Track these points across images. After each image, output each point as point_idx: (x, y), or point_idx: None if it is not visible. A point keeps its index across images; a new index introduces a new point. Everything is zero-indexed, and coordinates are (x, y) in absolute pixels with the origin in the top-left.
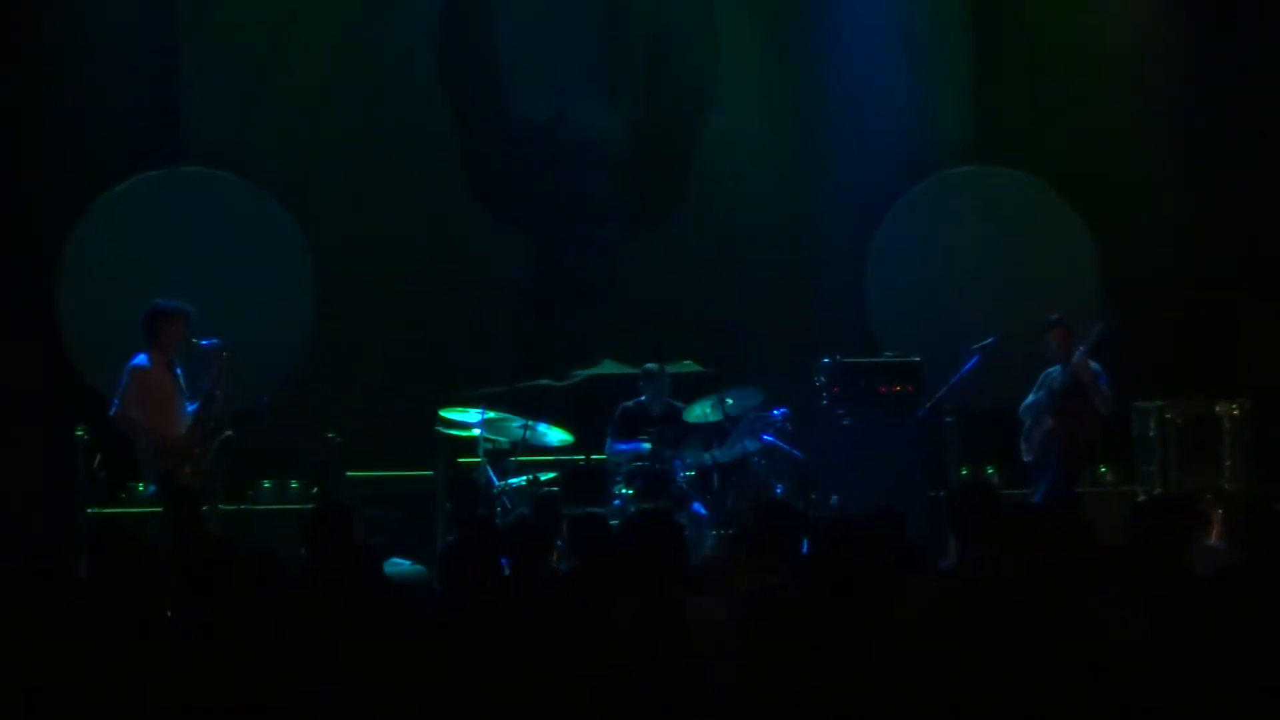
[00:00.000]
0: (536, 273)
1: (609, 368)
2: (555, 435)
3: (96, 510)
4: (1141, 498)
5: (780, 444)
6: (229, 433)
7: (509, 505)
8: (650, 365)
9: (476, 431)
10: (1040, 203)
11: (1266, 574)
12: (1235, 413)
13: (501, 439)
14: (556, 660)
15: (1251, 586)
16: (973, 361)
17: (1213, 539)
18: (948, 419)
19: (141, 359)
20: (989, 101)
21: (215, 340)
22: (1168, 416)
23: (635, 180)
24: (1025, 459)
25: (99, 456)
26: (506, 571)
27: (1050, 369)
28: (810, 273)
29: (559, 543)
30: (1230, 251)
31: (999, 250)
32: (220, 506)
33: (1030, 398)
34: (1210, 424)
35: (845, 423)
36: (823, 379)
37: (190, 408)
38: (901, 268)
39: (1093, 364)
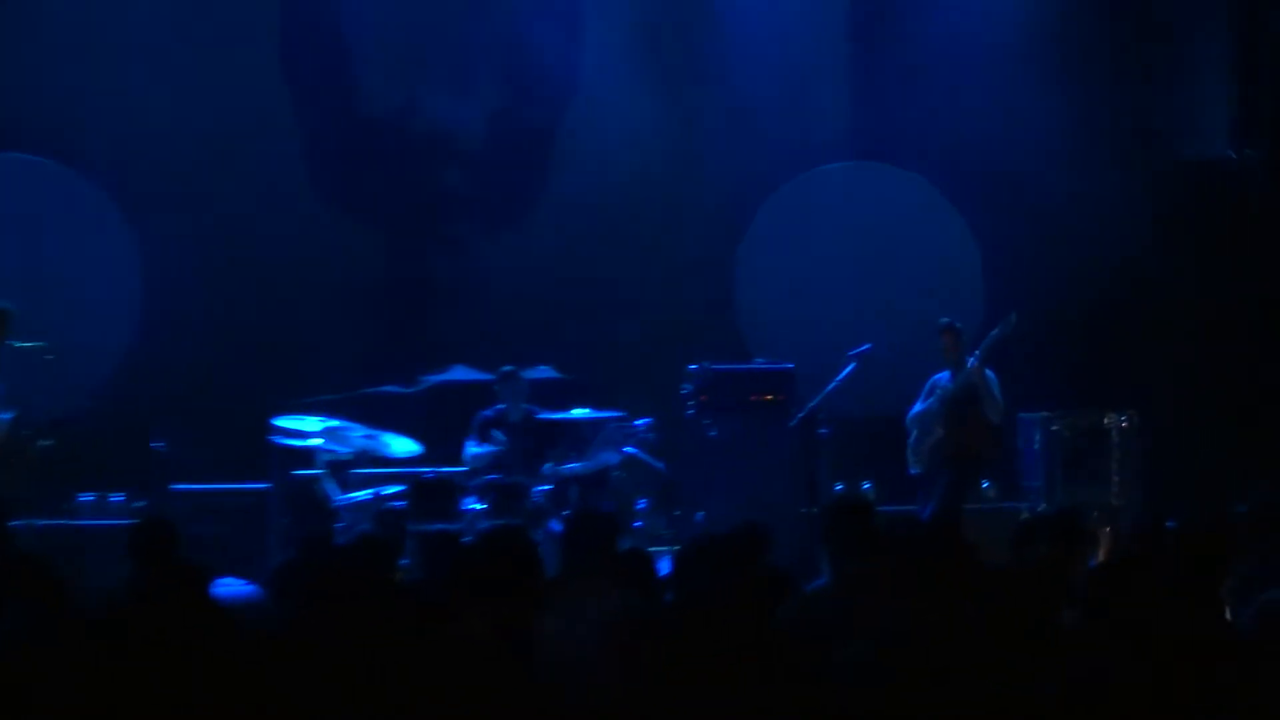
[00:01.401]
0: (384, 272)
1: (461, 373)
2: (402, 445)
3: None
4: (1025, 515)
5: (642, 456)
6: (47, 441)
7: (350, 521)
8: (506, 369)
9: (315, 441)
10: (921, 201)
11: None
12: (1125, 425)
13: (343, 449)
14: (398, 686)
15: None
16: (849, 369)
17: (1100, 559)
18: (822, 430)
19: None
20: (869, 95)
21: (39, 343)
22: (1054, 429)
23: (491, 175)
24: (912, 471)
25: None
26: (347, 592)
27: (939, 375)
28: (677, 274)
29: (404, 562)
30: (1120, 257)
31: (878, 251)
32: (35, 521)
33: (918, 406)
34: (1099, 437)
35: (712, 434)
36: (689, 386)
37: (6, 416)
38: (774, 269)
39: (987, 371)
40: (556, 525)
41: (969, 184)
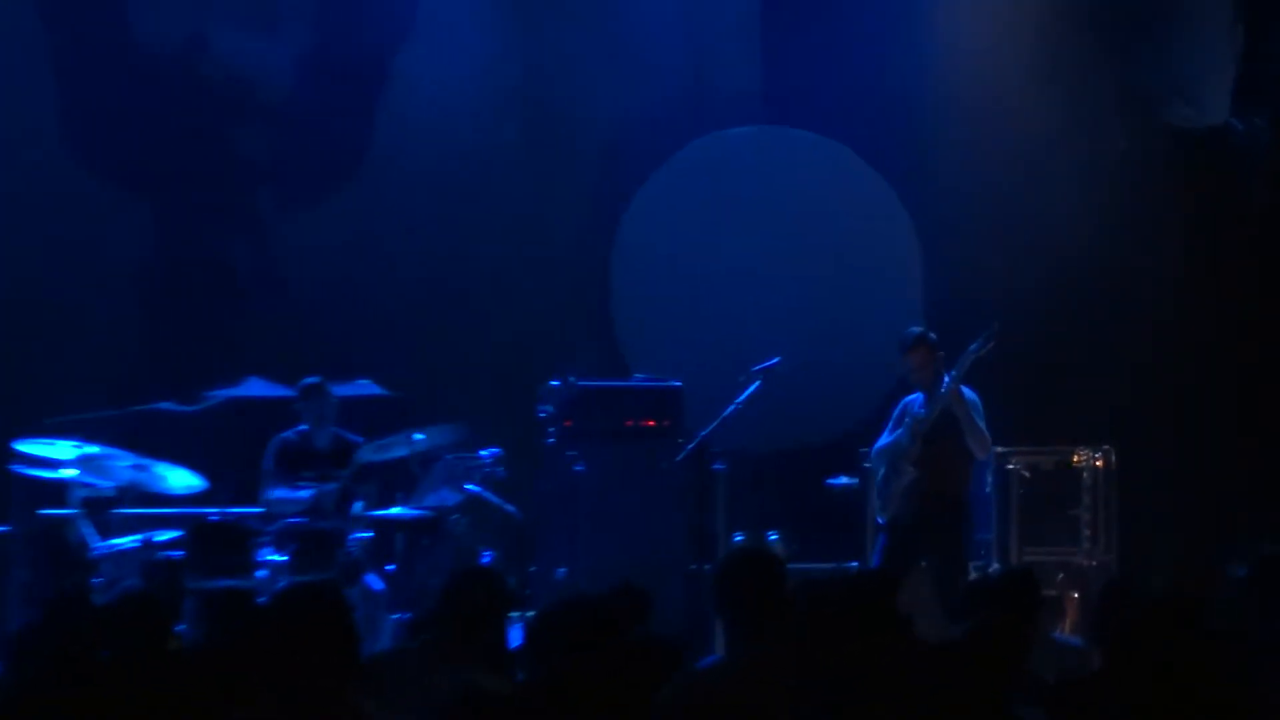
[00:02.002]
0: (158, 256)
1: (256, 387)
2: (179, 479)
3: None
4: (972, 577)
5: (489, 496)
6: None
7: (112, 574)
8: (309, 381)
9: (68, 472)
10: (847, 176)
11: (1134, 681)
12: (1099, 464)
13: (103, 483)
14: None
15: (1113, 697)
16: (752, 388)
17: (1064, 631)
18: (717, 465)
19: None
20: (783, 43)
21: None
22: (1009, 468)
23: (299, 134)
24: (879, 519)
25: None
26: (106, 663)
27: (911, 398)
28: (537, 265)
29: (181, 626)
30: (1094, 251)
31: (792, 237)
32: None
33: (885, 437)
34: (1066, 479)
35: (578, 468)
36: (549, 408)
37: None
38: (660, 260)
39: (967, 392)
40: (376, 582)
41: (905, 156)
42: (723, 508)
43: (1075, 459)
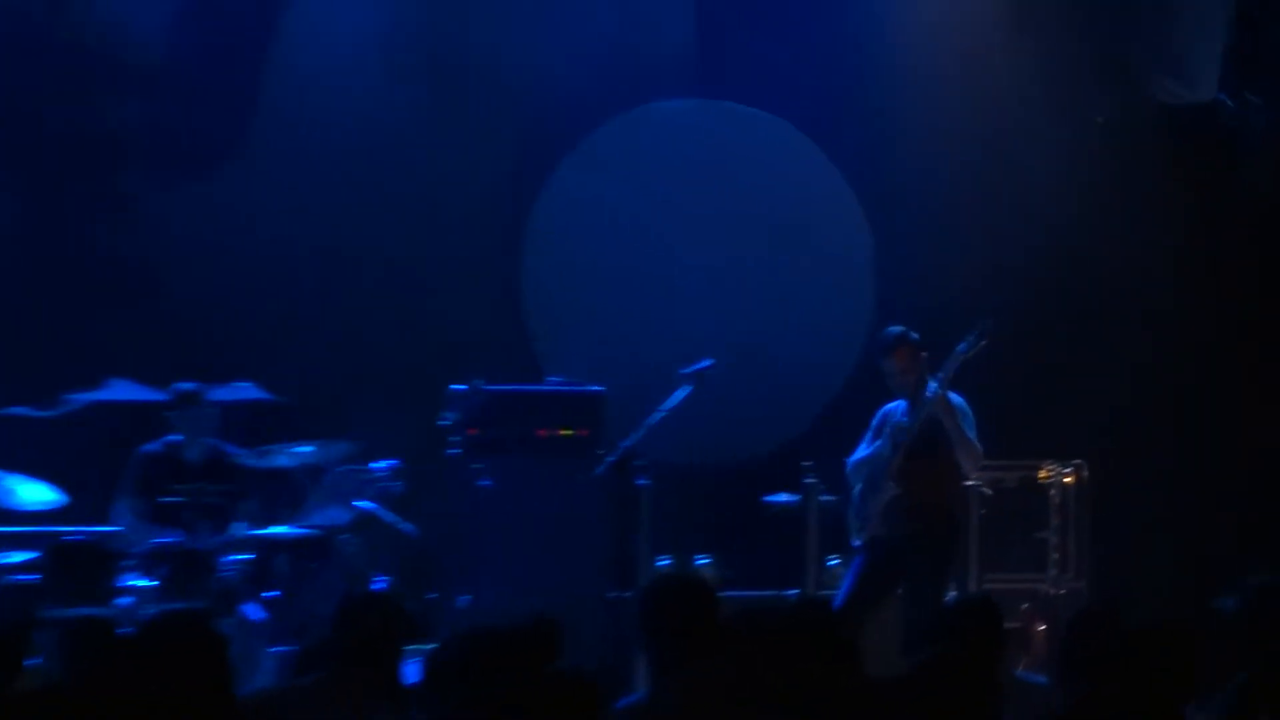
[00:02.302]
0: (8, 239)
1: (121, 391)
2: (32, 493)
3: None
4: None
5: (383, 513)
6: None
7: None
8: (184, 386)
9: None
10: (789, 156)
11: None
12: (1069, 480)
13: None
14: None
15: None
16: (682, 393)
17: (1028, 668)
18: (642, 479)
19: None
20: (721, 9)
21: None
22: (969, 485)
23: (172, 104)
24: (854, 542)
25: None
26: None
27: (892, 405)
28: (440, 256)
29: (34, 661)
30: (1068, 241)
31: (727, 225)
32: None
33: (863, 449)
34: (1032, 496)
35: (485, 483)
36: (453, 415)
37: None
38: (578, 250)
39: (954, 398)
40: (255, 611)
41: (856, 134)
42: (647, 528)
43: (1042, 474)
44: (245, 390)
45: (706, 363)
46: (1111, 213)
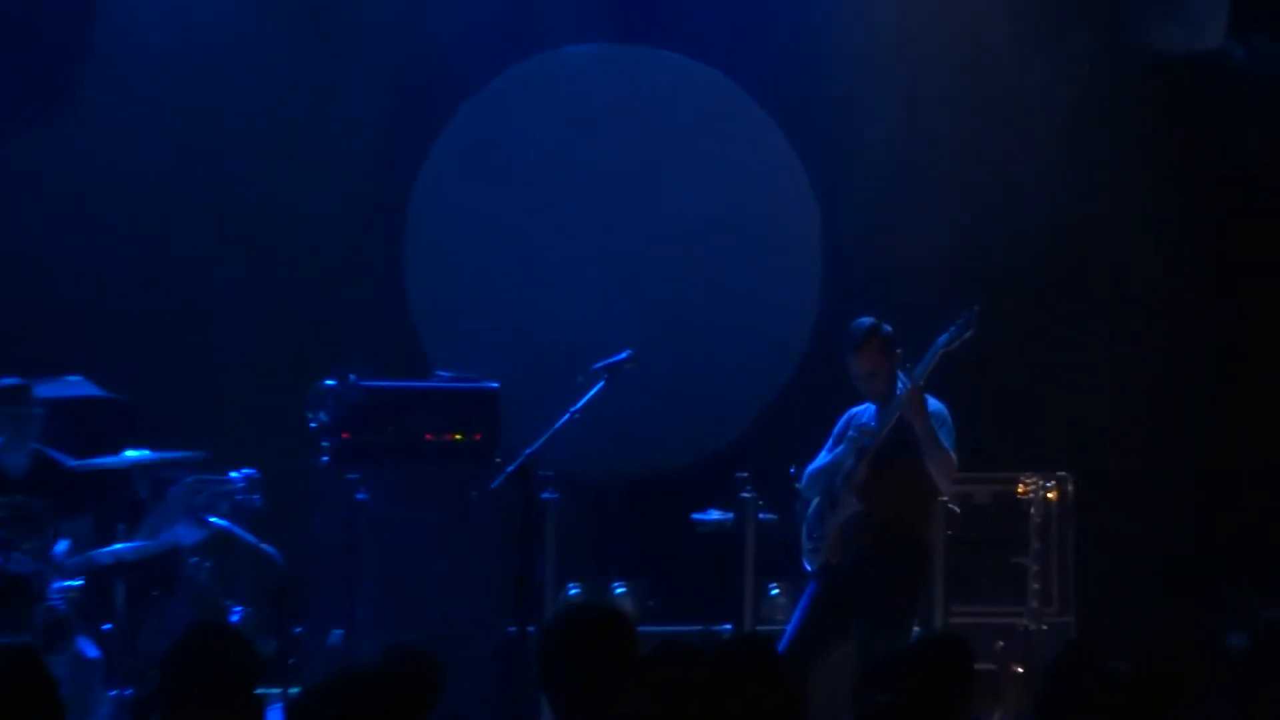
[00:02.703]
0: None
1: None
2: None
3: None
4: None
5: (239, 532)
6: None
7: None
8: (7, 382)
9: None
10: (722, 112)
11: None
12: (1052, 495)
13: None
14: None
15: None
16: (594, 390)
17: (1002, 718)
18: (547, 493)
19: None
20: None
21: None
22: (944, 501)
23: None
24: (807, 566)
25: None
26: None
27: (857, 409)
28: (309, 231)
29: None
30: (1049, 214)
31: (648, 194)
32: None
33: (822, 458)
34: (1008, 515)
35: (360, 496)
36: (323, 417)
37: None
38: (470, 224)
39: (931, 402)
40: (89, 647)
41: (800, 87)
42: (553, 550)
43: (1021, 489)
44: (76, 386)
45: (623, 354)
46: (1102, 184)
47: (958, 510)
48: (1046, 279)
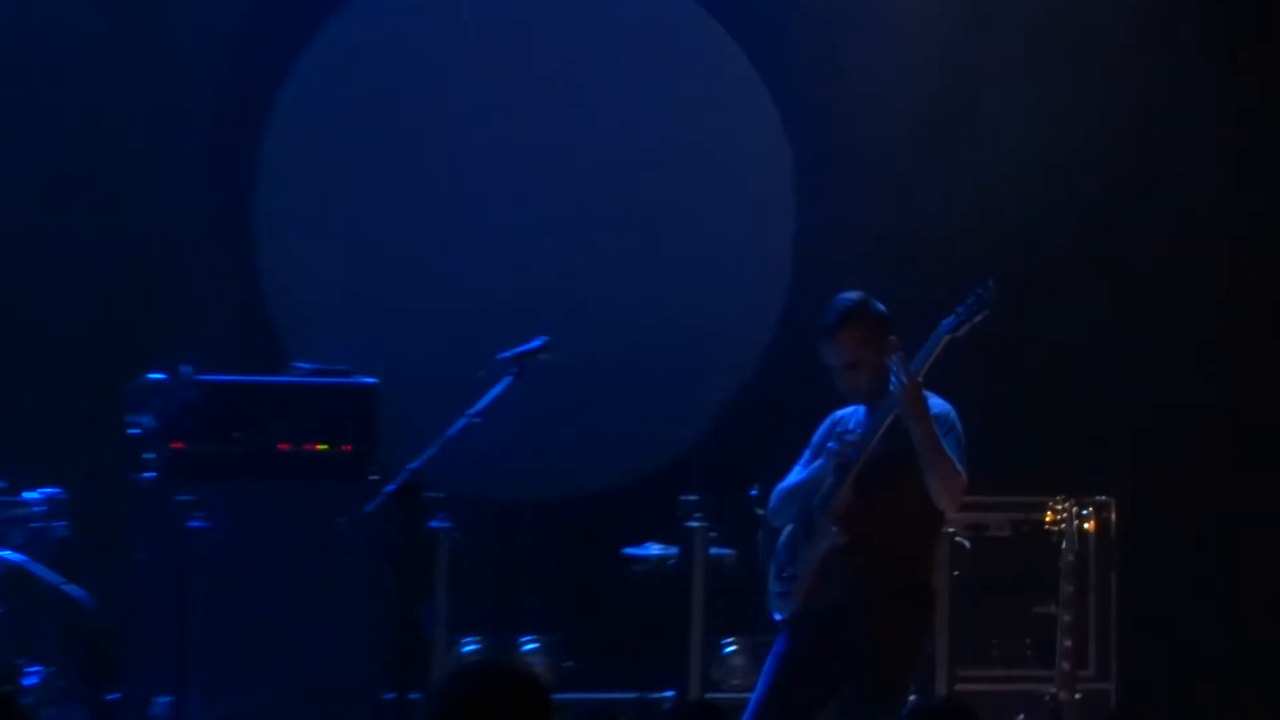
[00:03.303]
0: None
1: None
2: None
3: None
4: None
5: (37, 569)
6: None
7: None
8: None
9: None
10: (672, 38)
11: None
12: (1090, 526)
13: None
14: None
15: None
16: (499, 388)
17: None
18: (438, 520)
19: None
20: None
21: None
22: (949, 533)
23: None
24: (775, 615)
25: None
26: None
27: (843, 413)
28: (136, 195)
29: None
30: (1077, 185)
31: (570, 142)
32: None
33: (796, 474)
34: (1033, 551)
35: (195, 523)
36: (146, 422)
37: None
38: (337, 184)
39: (934, 402)
40: None
41: (772, 10)
42: (445, 593)
43: (1049, 517)
44: None
45: (537, 342)
46: (1143, 128)
47: (967, 545)
48: (1081, 248)
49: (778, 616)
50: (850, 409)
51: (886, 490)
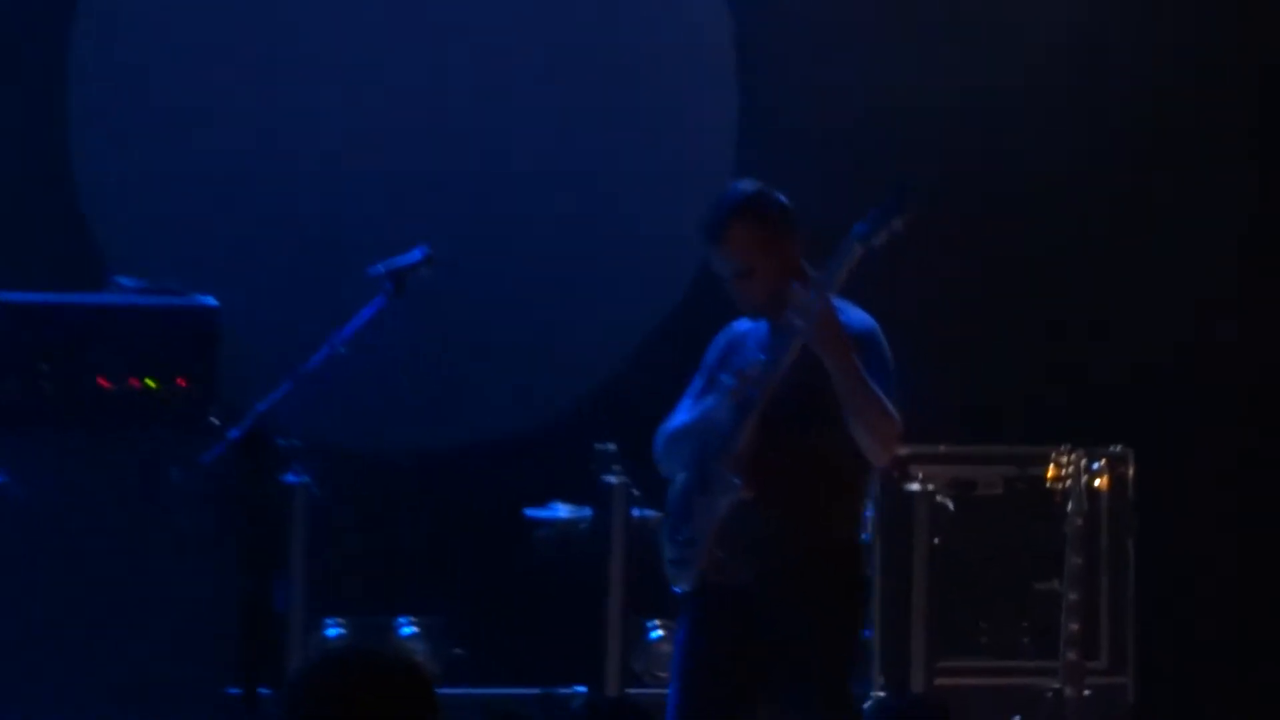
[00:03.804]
0: None
1: None
2: None
3: None
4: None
5: None
6: None
7: None
8: None
9: None
10: None
11: None
12: (1100, 484)
13: None
14: None
15: None
16: (372, 309)
17: None
18: (294, 475)
19: None
20: None
21: None
22: (912, 492)
23: None
24: (677, 587)
25: None
26: None
27: (738, 329)
28: None
29: None
30: (1084, 110)
31: (476, 28)
32: None
33: (686, 409)
34: (1033, 511)
35: None
36: None
37: None
38: (168, 54)
39: (854, 317)
40: None
41: None
42: (302, 566)
43: (1053, 472)
44: None
45: (417, 254)
46: (1161, 40)
47: (950, 506)
48: (1084, 164)
49: (677, 590)
50: (745, 325)
51: (800, 431)
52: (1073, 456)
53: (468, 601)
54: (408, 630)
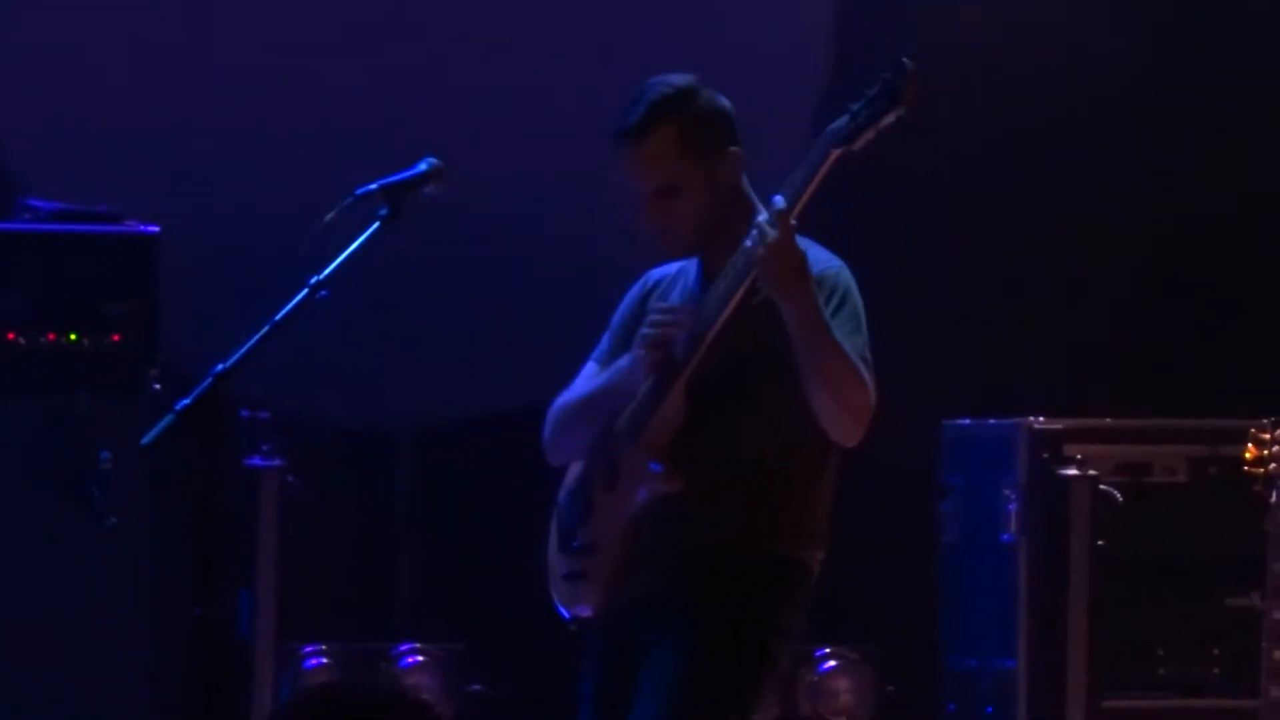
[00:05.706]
0: None
1: None
2: None
3: None
4: None
5: None
6: None
7: None
8: None
9: None
10: None
11: None
12: (1266, 465)
13: None
14: None
15: None
16: (365, 236)
17: None
18: (264, 458)
19: None
20: None
21: None
22: (1068, 476)
23: None
24: (564, 611)
25: None
26: None
27: (658, 273)
28: None
29: None
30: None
31: None
32: None
33: (586, 378)
34: (1225, 503)
35: None
36: None
37: None
38: None
39: (816, 255)
40: None
41: None
42: (272, 574)
43: (1252, 452)
44: None
45: (421, 166)
46: None
47: (1119, 497)
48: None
49: (566, 614)
50: (673, 267)
51: (738, 405)
52: (1278, 434)
53: (489, 623)
54: (410, 660)
